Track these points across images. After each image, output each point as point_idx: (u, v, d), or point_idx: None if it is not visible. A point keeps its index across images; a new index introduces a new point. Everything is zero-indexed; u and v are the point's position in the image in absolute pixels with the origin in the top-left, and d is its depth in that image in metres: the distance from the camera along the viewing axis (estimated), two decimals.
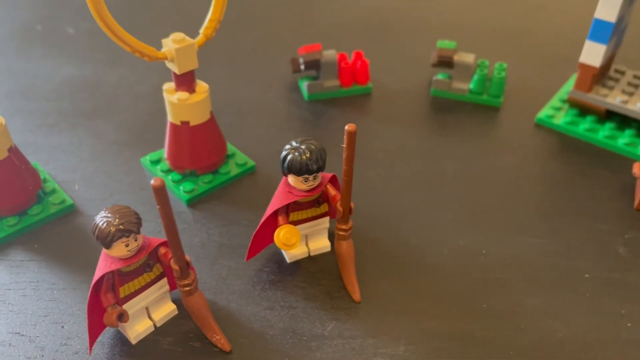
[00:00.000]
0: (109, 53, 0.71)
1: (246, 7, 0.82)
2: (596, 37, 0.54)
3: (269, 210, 0.42)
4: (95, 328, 0.38)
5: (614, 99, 0.57)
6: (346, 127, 0.37)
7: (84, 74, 0.68)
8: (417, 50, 0.71)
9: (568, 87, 0.63)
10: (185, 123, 0.49)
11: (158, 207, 0.33)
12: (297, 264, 0.46)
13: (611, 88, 0.58)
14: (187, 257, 0.38)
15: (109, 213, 0.35)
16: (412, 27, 0.77)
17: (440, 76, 0.64)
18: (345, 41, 0.73)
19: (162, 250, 0.38)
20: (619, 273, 0.45)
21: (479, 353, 0.40)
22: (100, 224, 0.35)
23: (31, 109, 0.62)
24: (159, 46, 0.47)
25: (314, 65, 0.63)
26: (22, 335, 0.41)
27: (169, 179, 0.52)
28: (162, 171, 0.53)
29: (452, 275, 0.45)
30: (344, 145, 0.38)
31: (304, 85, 0.64)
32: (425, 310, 0.42)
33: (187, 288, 0.38)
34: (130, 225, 0.35)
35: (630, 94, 0.57)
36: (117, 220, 0.35)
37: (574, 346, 0.40)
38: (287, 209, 0.43)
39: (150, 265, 0.39)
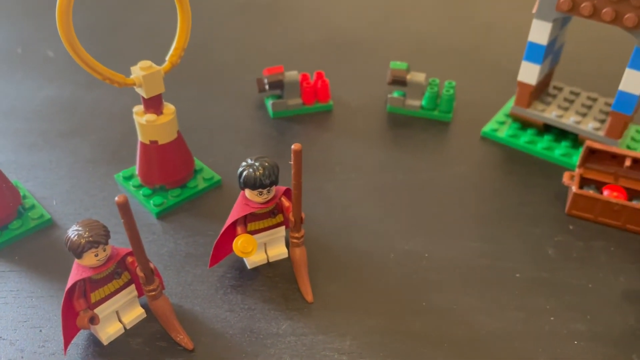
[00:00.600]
0: (86, 75, 0.75)
1: (215, 30, 0.86)
2: (531, 58, 0.60)
3: (228, 221, 0.47)
4: (69, 331, 0.42)
5: (550, 114, 0.62)
6: (292, 147, 0.42)
7: (62, 96, 0.72)
8: (375, 69, 0.76)
9: (512, 102, 0.68)
10: (154, 142, 0.54)
11: (122, 220, 0.38)
12: (257, 269, 0.50)
13: (548, 103, 0.64)
14: (152, 265, 0.42)
15: (79, 226, 0.39)
16: (370, 47, 0.83)
17: (395, 94, 0.69)
18: (308, 61, 0.78)
19: (129, 259, 0.43)
20: (546, 272, 0.50)
21: (416, 346, 0.44)
22: (72, 236, 0.39)
23: (12, 129, 0.66)
24: (128, 71, 0.51)
25: (277, 85, 0.68)
26: (3, 339, 0.45)
27: (140, 193, 0.56)
28: (134, 186, 0.57)
29: (396, 277, 0.50)
30: (292, 163, 0.43)
31: (269, 103, 0.69)
32: (370, 309, 0.47)
33: (152, 293, 0.43)
34: (98, 237, 0.39)
35: (566, 109, 0.63)
36: (86, 233, 0.39)
37: (501, 338, 0.45)
38: (245, 220, 0.47)
39: (119, 272, 0.43)
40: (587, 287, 0.49)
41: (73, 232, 0.39)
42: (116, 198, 0.36)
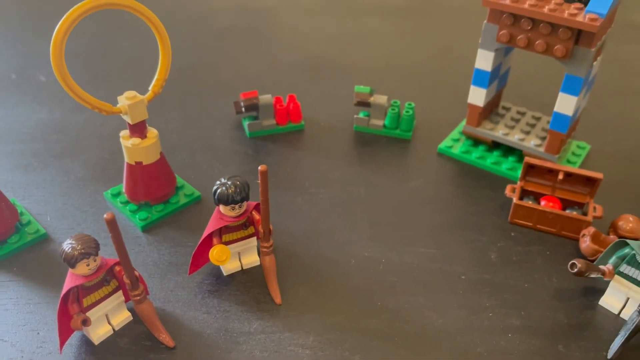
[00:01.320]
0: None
1: (195, 54, 0.92)
2: (477, 83, 0.66)
3: (205, 233, 0.53)
4: (64, 332, 0.47)
5: (498, 132, 0.69)
6: (259, 168, 0.48)
7: (54, 118, 0.78)
8: (343, 91, 0.83)
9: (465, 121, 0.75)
10: (139, 163, 0.60)
11: (110, 234, 0.43)
12: (232, 276, 0.56)
13: (497, 122, 0.71)
14: (137, 273, 0.48)
15: (72, 240, 0.45)
16: (338, 70, 0.89)
17: (360, 114, 0.76)
18: (282, 83, 0.85)
19: (117, 268, 0.48)
20: (488, 274, 0.56)
21: (371, 340, 0.50)
22: (66, 248, 0.45)
23: (8, 150, 0.71)
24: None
25: (253, 108, 0.74)
26: (5, 341, 0.50)
27: (127, 209, 0.62)
28: (121, 202, 0.63)
29: (356, 280, 0.56)
30: (259, 182, 0.49)
31: (246, 124, 0.75)
32: (333, 309, 0.53)
33: (138, 297, 0.48)
34: (89, 249, 0.45)
35: (512, 127, 0.70)
36: (79, 245, 0.45)
37: (446, 332, 0.51)
38: (220, 232, 0.53)
39: (108, 280, 0.49)
40: (523, 286, 0.55)
41: (67, 245, 0.45)
42: (105, 215, 0.42)
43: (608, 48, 0.94)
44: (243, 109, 0.74)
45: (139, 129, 0.58)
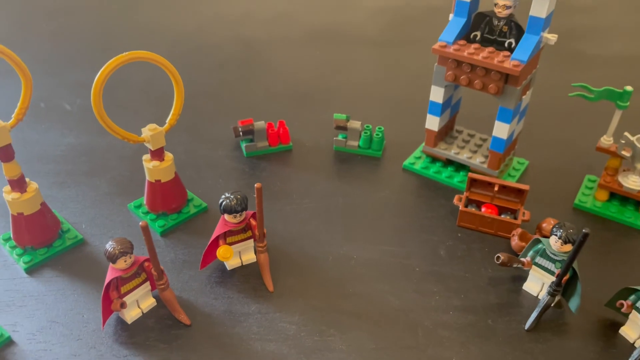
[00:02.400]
0: (99, 125, 0.95)
1: (198, 84, 1.07)
2: (432, 112, 0.81)
3: (213, 236, 0.67)
4: (106, 313, 0.61)
5: (451, 152, 0.83)
6: (255, 185, 0.62)
7: (81, 142, 0.92)
8: (325, 116, 0.97)
9: None
10: (157, 181, 0.74)
11: (144, 237, 0.58)
12: (234, 270, 0.70)
13: (451, 143, 0.85)
14: (162, 267, 0.62)
15: (113, 242, 0.59)
16: (321, 98, 1.03)
17: (339, 136, 0.90)
18: (273, 110, 0.99)
19: (146, 263, 0.62)
20: (437, 267, 0.71)
21: (343, 318, 0.64)
22: (109, 248, 0.59)
23: (46, 170, 0.85)
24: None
25: (249, 132, 0.89)
26: (57, 322, 0.64)
27: (147, 218, 0.76)
28: (143, 212, 0.77)
29: (333, 272, 0.70)
30: (255, 196, 0.63)
31: (243, 146, 0.89)
32: (313, 295, 0.67)
33: (162, 286, 0.62)
34: (127, 249, 0.59)
35: (462, 147, 0.84)
36: (119, 246, 0.59)
37: (402, 311, 0.65)
38: (225, 235, 0.67)
39: (139, 273, 0.62)
40: (464, 276, 0.70)
41: (109, 245, 0.59)
42: (140, 223, 0.56)
43: (554, 74, 1.10)
44: (241, 133, 0.88)
45: (158, 154, 0.72)
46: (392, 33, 1.28)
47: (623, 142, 0.75)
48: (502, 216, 0.74)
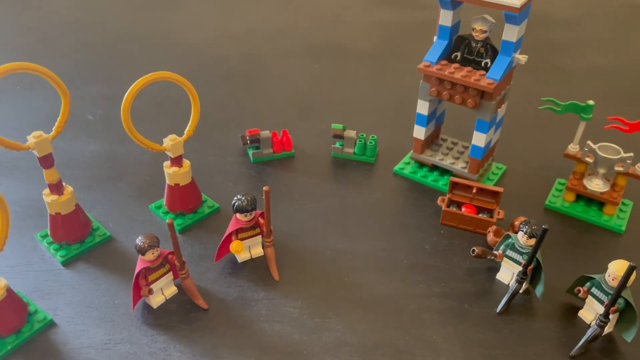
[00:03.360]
0: (119, 134, 1.05)
1: (207, 95, 1.17)
2: (419, 123, 0.91)
3: (226, 233, 0.77)
4: (136, 298, 0.71)
5: (436, 158, 0.93)
6: (264, 188, 0.72)
7: (104, 150, 1.02)
8: (323, 126, 1.07)
9: None
10: (176, 184, 0.83)
11: (170, 233, 0.67)
12: (245, 262, 0.80)
13: (436, 150, 0.95)
14: (183, 259, 0.72)
15: (143, 237, 0.69)
16: (321, 108, 1.13)
17: (337, 144, 1.00)
18: (277, 120, 1.09)
19: (170, 256, 0.72)
20: (422, 259, 0.80)
21: (339, 303, 0.74)
22: (139, 242, 0.69)
23: (75, 175, 0.95)
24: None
25: (256, 140, 0.98)
26: (92, 307, 0.73)
27: (167, 217, 0.86)
28: (163, 213, 0.87)
29: (331, 264, 0.80)
30: (263, 198, 0.73)
31: (250, 152, 0.99)
32: (314, 284, 0.77)
33: (184, 275, 0.72)
34: (154, 243, 0.69)
35: (446, 154, 0.94)
36: (147, 240, 0.69)
37: (390, 297, 0.75)
38: (237, 232, 0.77)
39: (163, 264, 0.72)
40: (445, 267, 0.79)
41: (139, 240, 0.69)
42: (167, 220, 0.66)
43: (532, 86, 1.20)
44: (248, 142, 0.98)
45: (177, 161, 0.82)
46: (385, 47, 1.38)
47: (587, 149, 0.85)
48: (480, 215, 0.84)
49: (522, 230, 0.72)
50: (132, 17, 1.54)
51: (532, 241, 0.71)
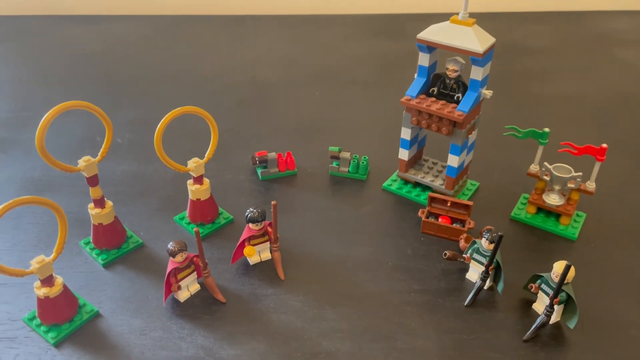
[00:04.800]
0: (145, 155, 1.21)
1: (220, 121, 1.33)
2: (403, 146, 1.06)
3: (240, 239, 0.92)
4: (167, 293, 0.86)
5: (418, 176, 1.09)
6: (272, 202, 0.88)
7: (132, 169, 1.18)
8: (322, 148, 1.22)
9: None
10: (198, 199, 0.99)
11: (196, 239, 0.83)
12: (255, 265, 0.95)
13: (418, 169, 1.11)
14: (206, 261, 0.87)
15: (174, 242, 0.84)
16: (320, 132, 1.28)
17: (334, 164, 1.16)
18: (282, 142, 1.24)
19: (195, 258, 0.87)
20: (405, 262, 0.95)
21: (335, 298, 0.89)
22: (171, 247, 0.84)
23: (109, 191, 1.09)
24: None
25: (264, 161, 1.14)
26: (130, 301, 0.88)
27: (190, 227, 1.01)
28: (186, 223, 1.02)
29: (328, 266, 0.95)
30: (272, 210, 0.89)
31: (259, 171, 1.15)
32: (313, 282, 0.92)
33: (206, 274, 0.87)
34: (183, 247, 0.84)
35: (427, 173, 1.10)
36: (177, 245, 0.84)
37: (378, 294, 0.89)
38: (249, 239, 0.93)
39: (189, 265, 0.87)
40: (424, 268, 0.94)
41: (171, 245, 0.84)
42: (194, 229, 0.82)
43: (507, 110, 1.36)
44: (257, 162, 1.14)
45: (199, 180, 0.98)
46: (377, 75, 1.55)
47: (544, 169, 1.01)
48: (454, 225, 0.99)
49: (485, 237, 0.87)
50: (150, 49, 1.71)
51: (492, 246, 0.86)
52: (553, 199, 1.01)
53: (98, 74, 1.55)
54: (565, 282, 0.81)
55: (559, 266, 0.81)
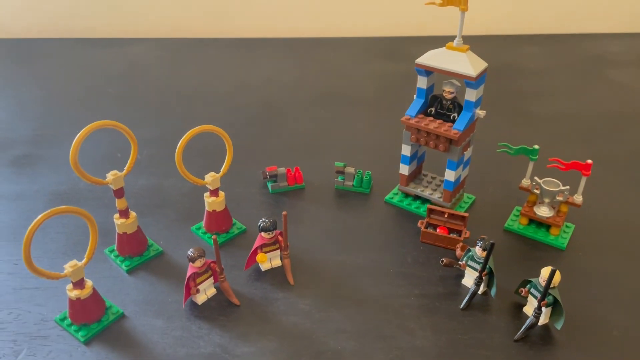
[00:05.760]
0: (163, 170, 1.29)
1: (233, 138, 1.41)
2: (403, 162, 1.15)
3: (253, 247, 1.00)
4: (186, 296, 0.94)
5: (417, 190, 1.17)
6: (283, 213, 0.96)
7: (151, 183, 1.26)
8: (328, 163, 1.30)
9: None
10: (214, 210, 1.07)
11: (214, 246, 0.91)
12: (267, 271, 1.03)
13: (418, 183, 1.19)
14: (222, 266, 0.95)
15: (194, 249, 0.92)
16: (327, 148, 1.37)
17: (339, 178, 1.24)
18: (291, 158, 1.32)
19: (212, 264, 0.95)
20: (405, 269, 1.03)
21: (339, 301, 0.96)
22: (191, 253, 0.92)
23: (128, 204, 1.19)
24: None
25: (273, 175, 1.22)
26: (151, 304, 0.95)
27: (206, 236, 1.09)
28: (202, 233, 1.10)
29: (334, 272, 1.02)
30: (282, 220, 0.97)
31: (269, 185, 1.23)
32: (320, 286, 0.99)
33: (222, 279, 0.95)
34: (202, 254, 0.92)
35: (426, 187, 1.18)
36: (197, 252, 0.92)
37: (379, 297, 0.97)
38: (261, 247, 1.00)
39: (207, 270, 0.95)
40: (423, 275, 1.02)
41: (191, 252, 0.92)
42: (212, 236, 0.90)
43: (502, 128, 1.44)
44: (268, 176, 1.22)
45: (215, 192, 1.06)
46: (379, 96, 1.63)
47: (534, 183, 1.08)
48: (451, 235, 1.07)
49: (478, 245, 0.95)
50: (166, 71, 1.81)
51: (484, 253, 0.94)
52: (543, 211, 1.09)
53: (116, 94, 1.65)
54: (552, 286, 0.89)
55: (545, 271, 0.88)
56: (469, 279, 0.99)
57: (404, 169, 1.16)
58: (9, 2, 2.02)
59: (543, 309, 0.89)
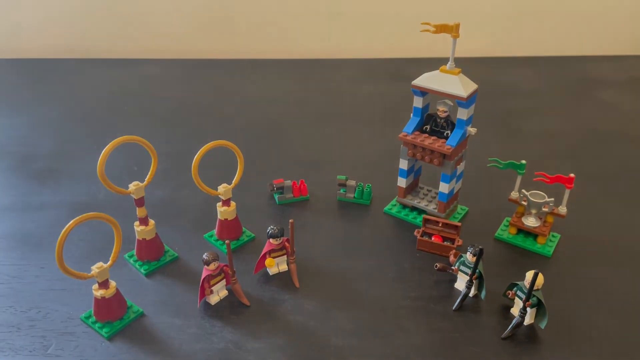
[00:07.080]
0: (177, 182, 1.38)
1: (245, 155, 1.50)
2: (401, 175, 1.23)
3: (262, 253, 1.09)
4: (201, 297, 1.02)
5: (414, 201, 1.26)
6: (290, 221, 1.05)
7: (166, 194, 1.35)
8: (331, 177, 1.39)
9: None
10: (225, 219, 1.16)
11: (227, 250, 0.99)
12: (275, 275, 1.11)
13: (415, 195, 1.28)
14: (234, 269, 1.04)
15: (208, 253, 1.00)
16: (330, 163, 1.45)
17: (341, 190, 1.33)
18: (296, 171, 1.41)
19: (225, 267, 1.04)
20: (402, 274, 1.11)
21: (342, 302, 1.04)
22: (205, 257, 1.00)
23: (148, 213, 1.28)
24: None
25: (280, 187, 1.31)
26: (169, 304, 1.03)
27: (218, 243, 1.18)
28: (214, 240, 1.19)
29: (336, 276, 1.10)
30: (289, 228, 1.05)
31: (276, 196, 1.32)
32: (324, 288, 1.07)
33: (234, 281, 1.04)
34: (216, 257, 1.00)
35: (422, 198, 1.27)
36: (211, 256, 1.00)
37: (379, 299, 1.05)
38: (270, 252, 1.09)
39: (220, 273, 1.04)
40: (419, 279, 1.10)
41: (205, 255, 1.00)
42: (226, 242, 0.98)
43: (495, 144, 1.53)
44: (275, 188, 1.31)
45: (227, 202, 1.15)
46: (379, 114, 1.73)
47: (522, 195, 1.17)
48: (445, 242, 1.15)
49: (469, 251, 1.03)
50: (178, 90, 1.91)
51: (474, 258, 1.02)
52: (531, 222, 1.18)
53: (131, 111, 1.75)
54: (536, 288, 0.97)
55: (530, 274, 0.97)
56: (461, 283, 1.08)
57: (402, 182, 1.25)
58: (36, 26, 2.13)
59: (528, 309, 0.97)
